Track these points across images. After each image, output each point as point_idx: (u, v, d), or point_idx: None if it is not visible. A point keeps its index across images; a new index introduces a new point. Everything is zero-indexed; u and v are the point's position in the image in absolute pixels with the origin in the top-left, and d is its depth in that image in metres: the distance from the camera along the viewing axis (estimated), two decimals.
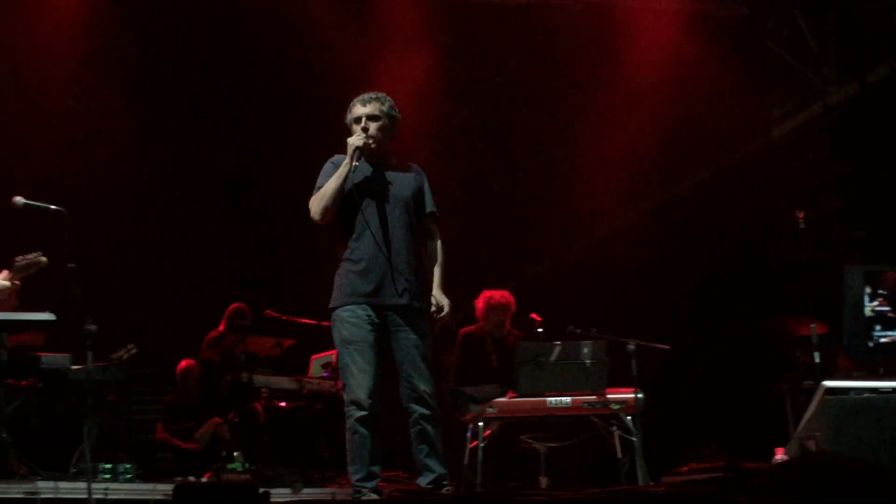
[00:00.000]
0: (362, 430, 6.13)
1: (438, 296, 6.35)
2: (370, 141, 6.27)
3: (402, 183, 6.35)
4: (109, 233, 10.35)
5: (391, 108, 6.42)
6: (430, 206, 6.43)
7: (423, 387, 6.19)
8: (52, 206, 6.78)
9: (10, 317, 7.91)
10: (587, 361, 7.91)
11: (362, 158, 6.24)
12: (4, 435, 7.70)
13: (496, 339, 8.81)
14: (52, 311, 7.94)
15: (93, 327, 6.85)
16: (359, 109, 6.38)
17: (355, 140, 6.21)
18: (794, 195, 9.67)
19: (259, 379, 8.92)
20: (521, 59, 11.17)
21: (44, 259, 6.47)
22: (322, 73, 10.73)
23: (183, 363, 9.78)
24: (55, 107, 10.34)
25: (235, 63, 10.98)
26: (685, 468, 8.16)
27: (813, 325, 8.21)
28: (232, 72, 11.01)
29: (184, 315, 9.93)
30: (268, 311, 9.20)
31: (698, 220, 10.82)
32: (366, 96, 6.42)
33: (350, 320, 6.18)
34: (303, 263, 11.02)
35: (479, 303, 8.88)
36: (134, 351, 8.65)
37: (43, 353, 8.36)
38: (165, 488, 7.96)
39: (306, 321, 9.43)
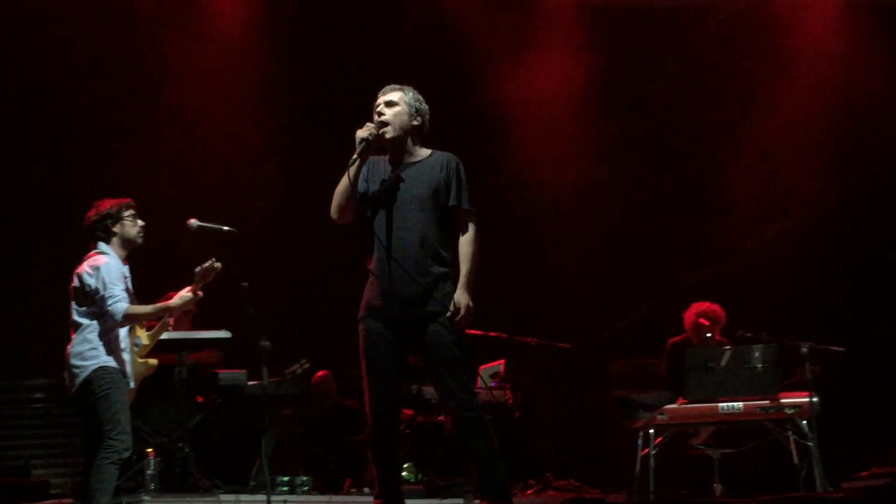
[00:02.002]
0: (373, 446, 5.88)
1: (457, 296, 5.75)
2: (385, 129, 5.86)
3: (419, 180, 5.87)
4: (280, 250, 10.59)
5: (415, 99, 5.98)
6: (454, 199, 5.87)
7: (454, 389, 5.72)
8: (225, 227, 6.97)
9: (188, 335, 8.20)
10: (759, 365, 7.79)
11: (384, 156, 5.93)
12: (187, 450, 7.95)
13: None
14: (227, 329, 8.20)
15: (267, 344, 7.03)
16: (378, 100, 5.98)
17: (360, 132, 5.82)
18: None
19: (427, 390, 8.99)
20: (681, 61, 11.04)
21: (218, 265, 6.65)
22: (479, 82, 10.81)
23: (319, 373, 9.66)
24: (225, 128, 10.62)
25: (396, 76, 11.08)
26: (865, 472, 7.97)
27: None
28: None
29: (355, 329, 10.07)
30: None
31: (871, 216, 10.53)
32: (388, 87, 6.01)
33: (362, 334, 5.87)
34: None
35: (690, 316, 8.73)
36: (307, 366, 8.85)
37: (220, 370, 8.62)
38: (340, 500, 8.12)
39: (473, 332, 9.47)
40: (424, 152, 5.99)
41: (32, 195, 10.33)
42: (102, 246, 6.57)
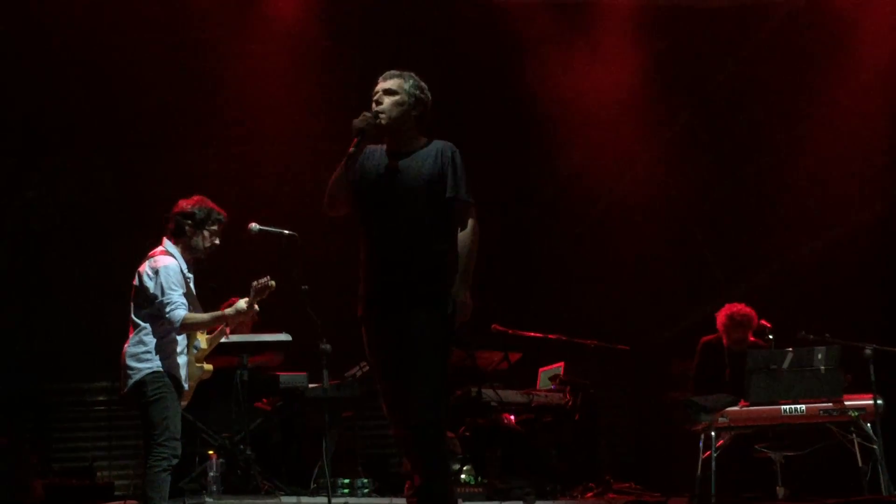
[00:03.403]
0: (403, 449, 5.59)
1: (454, 292, 5.51)
2: (380, 118, 5.58)
3: (413, 171, 5.59)
4: (340, 253, 10.63)
5: (415, 87, 5.66)
6: (450, 190, 5.56)
7: (411, 398, 5.45)
8: (286, 231, 7.00)
9: (249, 338, 8.24)
10: (821, 367, 7.72)
11: (381, 146, 5.67)
12: (248, 452, 8.01)
13: (735, 352, 8.58)
14: (288, 333, 8.25)
15: (327, 346, 7.05)
16: (377, 86, 5.68)
17: (356, 121, 5.54)
18: None
19: (488, 393, 9.00)
20: (740, 59, 10.95)
21: (272, 283, 6.57)
22: (535, 82, 10.79)
23: None
24: (282, 134, 10.68)
25: (452, 78, 11.04)
26: None
27: None
28: (460, 88, 10.99)
29: None
30: (494, 326, 9.29)
31: None
32: (388, 73, 5.71)
33: (366, 335, 5.63)
34: (526, 277, 11.09)
35: (721, 317, 8.68)
36: (367, 368, 8.86)
37: (281, 373, 8.68)
38: (401, 502, 8.13)
39: (533, 334, 9.49)
40: (421, 142, 5.71)
41: (100, 200, 10.46)
42: (168, 244, 6.47)
